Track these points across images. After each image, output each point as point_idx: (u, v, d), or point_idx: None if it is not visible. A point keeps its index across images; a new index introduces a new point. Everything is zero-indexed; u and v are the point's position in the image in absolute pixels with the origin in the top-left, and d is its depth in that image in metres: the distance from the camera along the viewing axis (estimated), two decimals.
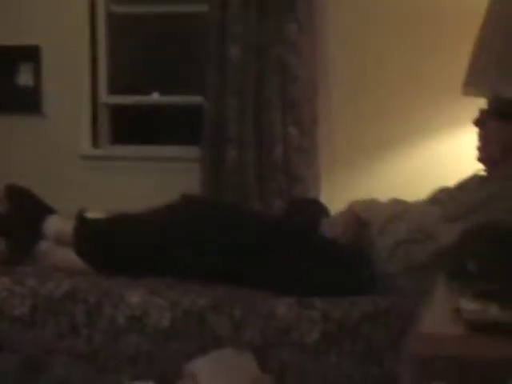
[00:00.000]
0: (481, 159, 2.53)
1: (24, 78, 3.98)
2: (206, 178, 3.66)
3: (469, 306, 1.75)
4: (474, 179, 2.55)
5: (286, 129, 3.59)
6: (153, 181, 3.82)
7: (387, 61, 3.52)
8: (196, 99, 3.78)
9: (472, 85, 2.18)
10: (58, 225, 2.80)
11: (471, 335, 1.67)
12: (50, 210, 2.88)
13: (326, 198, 3.40)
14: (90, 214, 2.90)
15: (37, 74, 3.96)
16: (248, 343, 2.31)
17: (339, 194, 3.40)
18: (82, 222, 2.78)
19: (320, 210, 2.98)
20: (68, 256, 2.75)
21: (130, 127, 4.28)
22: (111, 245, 2.70)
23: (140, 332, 2.43)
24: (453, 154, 3.32)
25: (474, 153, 2.57)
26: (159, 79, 4.20)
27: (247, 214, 2.91)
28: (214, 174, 3.64)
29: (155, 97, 4.08)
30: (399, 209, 2.61)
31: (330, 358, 2.29)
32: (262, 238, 2.58)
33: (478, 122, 2.51)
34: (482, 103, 2.52)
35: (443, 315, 1.75)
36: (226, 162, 3.61)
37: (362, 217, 2.62)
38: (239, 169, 3.59)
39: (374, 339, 2.28)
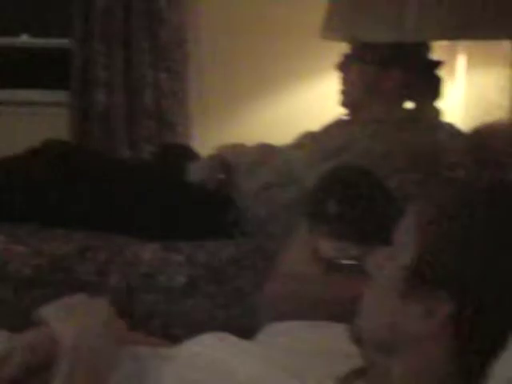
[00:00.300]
0: (344, 103, 2.57)
1: None
2: (74, 123, 3.58)
3: (327, 246, 1.79)
4: (338, 123, 2.59)
5: (155, 73, 3.54)
6: (19, 126, 3.70)
7: (255, 6, 3.51)
8: (64, 42, 3.67)
9: (330, 29, 2.20)
10: None
11: (328, 275, 1.72)
12: None
13: (196, 143, 3.38)
14: None
15: None
16: (113, 288, 2.30)
17: (210, 139, 3.40)
18: None
19: (190, 155, 2.97)
20: None
21: None
22: None
23: (1, 281, 2.37)
24: (319, 99, 3.36)
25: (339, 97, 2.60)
26: (27, 21, 4.06)
27: (112, 159, 2.88)
28: (83, 119, 3.57)
29: (23, 39, 3.94)
30: (265, 153, 2.64)
31: (196, 300, 2.31)
32: (128, 183, 2.55)
33: (341, 66, 2.54)
34: (346, 47, 2.55)
35: (303, 256, 1.78)
36: (94, 107, 3.54)
37: (228, 161, 2.63)
38: (108, 114, 3.53)
39: (238, 281, 2.31)
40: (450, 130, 2.62)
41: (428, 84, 2.42)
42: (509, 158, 1.50)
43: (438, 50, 2.61)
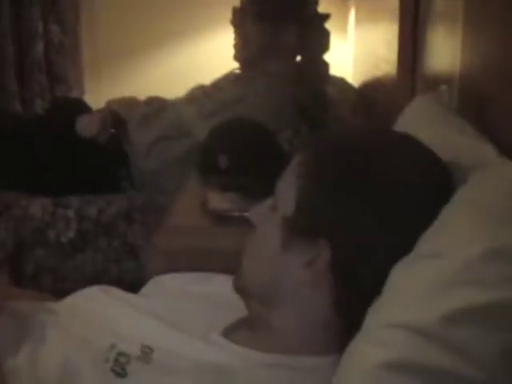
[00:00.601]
0: (237, 57, 2.56)
1: None
2: None
3: (217, 199, 1.80)
4: (229, 77, 2.59)
5: (46, 26, 3.46)
6: None
7: None
8: None
9: None
10: None
11: (218, 227, 1.73)
12: None
13: (89, 98, 3.33)
14: None
15: None
16: (1, 244, 2.25)
17: (103, 93, 3.35)
18: None
19: (82, 109, 2.92)
20: None
21: None
22: None
23: None
24: (215, 53, 3.35)
25: (232, 51, 2.59)
26: None
27: (1, 112, 2.81)
28: None
29: None
30: (156, 106, 2.62)
31: (87, 255, 2.29)
32: (18, 138, 2.50)
33: (233, 21, 2.53)
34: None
35: (191, 209, 1.79)
36: None
37: (119, 114, 2.59)
38: None
39: (129, 235, 2.30)
40: (341, 83, 2.65)
41: (317, 38, 2.44)
42: (393, 110, 1.53)
43: (329, 4, 2.64)
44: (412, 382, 0.85)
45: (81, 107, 2.94)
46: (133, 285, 1.40)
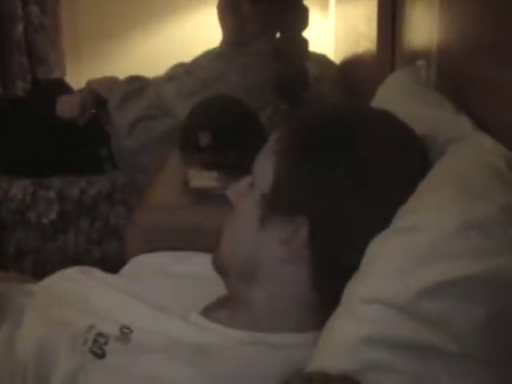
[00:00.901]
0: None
1: None
2: None
3: (198, 176, 1.79)
4: (210, 54, 2.58)
5: (26, 7, 3.43)
6: None
7: None
8: None
9: None
10: None
11: (198, 205, 1.72)
12: None
13: (71, 78, 3.31)
14: None
15: None
16: None
17: (84, 74, 3.33)
18: None
19: (64, 90, 2.90)
20: None
21: None
22: None
23: None
24: (191, 33, 3.35)
25: (211, 31, 2.58)
26: None
27: None
28: None
29: None
30: (137, 85, 2.61)
31: (69, 236, 2.29)
32: None
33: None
34: None
35: (172, 187, 1.78)
36: None
37: (99, 93, 2.58)
38: None
39: (111, 216, 2.30)
40: (322, 60, 2.65)
41: (296, 15, 2.43)
42: (374, 87, 1.53)
43: None
44: (392, 357, 0.85)
45: (63, 88, 2.92)
46: (115, 266, 1.40)
